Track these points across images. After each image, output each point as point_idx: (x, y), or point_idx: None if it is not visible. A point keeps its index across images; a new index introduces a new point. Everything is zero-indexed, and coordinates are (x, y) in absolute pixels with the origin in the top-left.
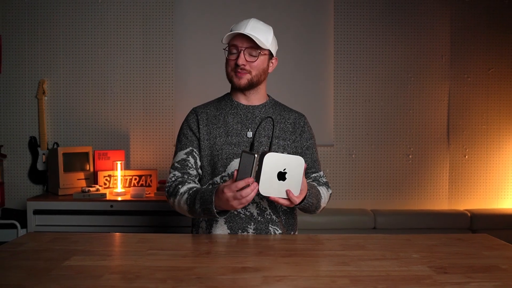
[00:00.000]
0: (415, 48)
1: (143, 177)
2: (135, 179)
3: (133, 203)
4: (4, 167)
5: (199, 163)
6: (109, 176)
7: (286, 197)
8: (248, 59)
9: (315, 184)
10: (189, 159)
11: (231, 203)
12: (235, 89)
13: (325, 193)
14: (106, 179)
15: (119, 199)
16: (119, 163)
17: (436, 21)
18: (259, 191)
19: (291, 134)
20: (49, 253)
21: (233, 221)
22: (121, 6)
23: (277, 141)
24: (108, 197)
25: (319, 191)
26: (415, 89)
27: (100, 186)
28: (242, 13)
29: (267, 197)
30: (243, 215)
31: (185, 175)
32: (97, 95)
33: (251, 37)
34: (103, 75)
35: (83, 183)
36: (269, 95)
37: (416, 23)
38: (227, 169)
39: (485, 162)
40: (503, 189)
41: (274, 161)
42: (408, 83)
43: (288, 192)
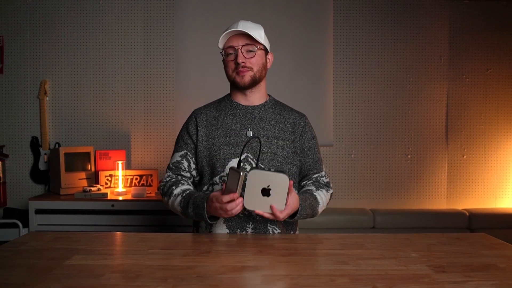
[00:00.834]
0: (414, 49)
1: (144, 177)
2: (136, 179)
3: (134, 203)
4: (6, 167)
5: (193, 166)
6: (110, 175)
7: (270, 212)
8: (246, 56)
9: (310, 192)
10: (183, 161)
11: (219, 212)
12: (235, 89)
13: (323, 197)
14: (107, 179)
15: (120, 198)
16: (120, 163)
17: (434, 22)
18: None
19: (290, 134)
20: (50, 252)
21: (232, 221)
22: (122, 7)
23: (276, 141)
24: (109, 197)
25: (315, 199)
26: (414, 90)
27: (101, 185)
28: (242, 14)
29: (253, 211)
30: (242, 215)
31: (179, 176)
32: (98, 95)
33: (246, 32)
34: (104, 76)
35: (85, 183)
36: (269, 95)
37: (415, 24)
38: (225, 169)
39: (483, 162)
40: (501, 189)
41: (257, 177)
42: (407, 83)
43: (272, 207)
